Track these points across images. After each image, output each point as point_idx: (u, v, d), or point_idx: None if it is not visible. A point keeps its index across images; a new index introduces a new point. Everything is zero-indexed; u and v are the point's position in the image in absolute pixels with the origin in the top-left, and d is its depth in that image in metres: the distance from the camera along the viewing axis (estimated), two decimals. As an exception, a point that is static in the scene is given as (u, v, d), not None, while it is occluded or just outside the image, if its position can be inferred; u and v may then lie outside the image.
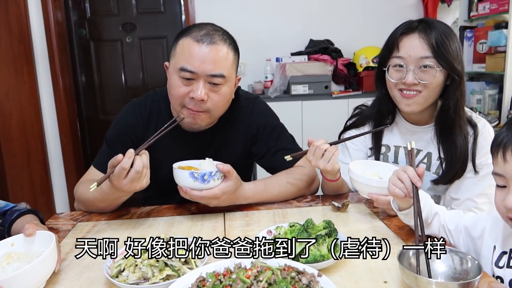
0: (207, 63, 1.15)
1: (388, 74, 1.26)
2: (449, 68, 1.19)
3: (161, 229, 1.13)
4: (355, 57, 3.31)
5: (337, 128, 1.50)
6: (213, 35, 1.17)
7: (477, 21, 3.15)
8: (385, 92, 1.31)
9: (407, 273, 0.76)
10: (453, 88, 1.22)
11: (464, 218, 0.99)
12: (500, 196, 0.80)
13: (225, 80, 1.19)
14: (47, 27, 3.08)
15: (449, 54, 1.18)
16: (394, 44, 1.24)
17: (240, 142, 1.37)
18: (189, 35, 1.18)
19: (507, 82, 2.76)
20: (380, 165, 1.27)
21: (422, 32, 1.20)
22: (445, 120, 1.25)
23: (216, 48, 1.16)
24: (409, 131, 1.35)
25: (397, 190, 0.96)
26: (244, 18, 3.30)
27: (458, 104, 1.23)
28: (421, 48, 1.19)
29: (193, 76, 1.17)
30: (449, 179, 1.26)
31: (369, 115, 1.40)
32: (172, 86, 1.21)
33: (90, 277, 0.88)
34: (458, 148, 1.23)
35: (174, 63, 1.20)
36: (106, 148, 1.35)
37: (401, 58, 1.22)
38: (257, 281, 0.67)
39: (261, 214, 1.20)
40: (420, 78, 1.20)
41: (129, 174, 1.03)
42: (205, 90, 1.17)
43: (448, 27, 1.23)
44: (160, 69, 3.57)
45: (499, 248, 0.87)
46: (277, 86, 3.09)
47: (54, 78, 3.15)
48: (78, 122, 3.50)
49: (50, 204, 3.21)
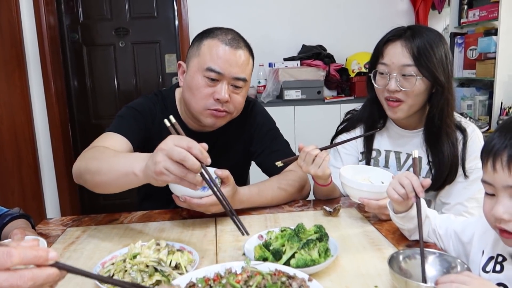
0: (233, 66, 1.20)
1: (375, 80, 1.29)
2: (430, 77, 1.20)
3: (151, 235, 1.12)
4: (348, 63, 3.33)
5: (329, 133, 1.51)
6: (239, 41, 1.24)
7: (467, 28, 3.19)
8: (375, 95, 1.33)
9: (397, 277, 0.77)
10: (437, 97, 1.23)
11: (454, 222, 0.99)
12: (488, 204, 0.79)
13: (246, 84, 1.25)
14: (39, 31, 3.06)
15: (431, 63, 1.19)
16: (379, 51, 1.26)
17: (240, 143, 1.41)
18: (215, 37, 1.22)
19: (496, 88, 2.79)
20: (371, 170, 1.28)
21: (406, 40, 1.21)
22: (431, 127, 1.27)
23: (241, 53, 1.22)
24: (399, 136, 1.36)
25: (396, 196, 0.94)
26: (237, 23, 3.27)
27: (443, 112, 1.24)
28: (402, 56, 1.20)
29: (218, 77, 1.20)
30: (439, 186, 1.27)
31: (360, 118, 1.41)
32: (195, 86, 1.22)
33: (79, 283, 0.87)
34: (445, 155, 1.24)
35: (198, 63, 1.22)
36: (128, 118, 1.28)
37: (385, 65, 1.24)
38: (247, 286, 0.67)
39: (252, 219, 1.20)
40: (402, 85, 1.21)
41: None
42: (228, 92, 1.22)
43: (437, 35, 1.23)
44: (153, 74, 3.59)
45: (487, 253, 0.87)
46: (270, 91, 3.10)
47: (46, 82, 3.13)
48: (70, 126, 3.48)
49: (41, 209, 3.18)
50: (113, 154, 1.05)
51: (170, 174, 0.83)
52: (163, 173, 0.83)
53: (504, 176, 0.73)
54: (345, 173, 1.19)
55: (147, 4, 3.48)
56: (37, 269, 0.55)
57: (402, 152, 1.36)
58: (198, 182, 0.85)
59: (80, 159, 1.12)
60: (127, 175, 0.94)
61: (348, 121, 1.46)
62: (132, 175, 0.92)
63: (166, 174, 0.83)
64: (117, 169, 0.97)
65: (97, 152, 1.09)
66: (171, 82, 3.57)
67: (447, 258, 0.83)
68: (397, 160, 1.36)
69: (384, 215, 1.14)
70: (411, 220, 0.97)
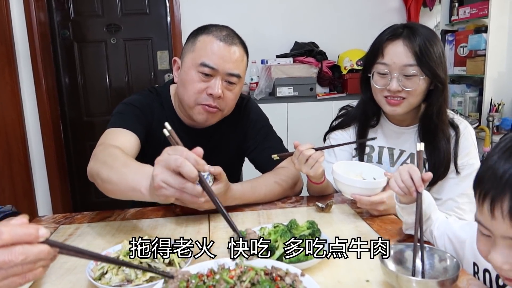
0: (227, 61, 1.21)
1: (373, 80, 1.27)
2: (432, 75, 1.20)
3: (144, 231, 1.12)
4: (340, 60, 3.35)
5: (321, 130, 1.51)
6: (234, 37, 1.25)
7: (458, 25, 3.22)
8: (370, 95, 1.33)
9: (388, 271, 0.78)
10: (436, 94, 1.24)
11: (450, 227, 0.97)
12: (483, 243, 0.69)
13: (239, 80, 1.26)
14: (29, 28, 3.03)
15: (432, 61, 1.19)
16: (379, 50, 1.24)
17: (234, 139, 1.41)
18: (210, 33, 1.23)
19: (486, 85, 2.83)
20: (363, 166, 1.29)
21: (407, 39, 1.20)
22: (428, 124, 1.27)
23: (236, 50, 1.23)
24: (393, 132, 1.37)
25: (397, 188, 0.94)
26: (229, 20, 3.27)
27: (441, 109, 1.25)
28: (405, 55, 1.20)
29: (212, 73, 1.21)
30: (433, 182, 1.28)
31: (354, 116, 1.42)
32: (188, 81, 1.23)
33: (72, 280, 0.87)
34: (441, 152, 1.25)
35: (193, 58, 1.23)
36: (129, 114, 1.27)
37: (386, 65, 1.23)
38: (241, 281, 0.67)
39: (245, 215, 1.21)
40: (404, 85, 1.21)
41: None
42: (222, 87, 1.22)
43: (432, 32, 1.24)
44: (145, 71, 3.57)
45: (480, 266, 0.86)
46: (262, 88, 3.11)
47: (37, 80, 3.10)
48: (61, 124, 3.45)
49: (32, 207, 3.16)
50: (123, 163, 1.01)
51: (168, 188, 0.80)
52: (161, 187, 0.80)
53: (504, 226, 0.62)
54: (338, 169, 1.19)
55: (138, 1, 3.46)
56: (28, 245, 0.54)
57: (395, 148, 1.37)
58: (199, 193, 0.82)
59: (94, 159, 1.10)
60: (135, 191, 0.92)
61: (343, 118, 1.46)
62: (139, 192, 0.91)
63: (164, 187, 0.80)
64: (125, 183, 0.95)
65: (110, 157, 1.05)
66: (164, 79, 3.56)
67: (438, 252, 0.85)
68: (390, 156, 1.37)
69: (376, 211, 1.15)
70: (410, 215, 0.96)
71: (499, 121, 2.85)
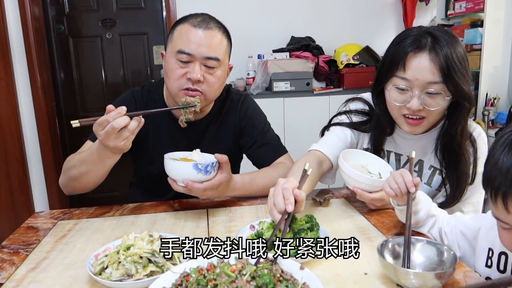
0: (203, 46, 1.21)
1: (390, 95, 1.15)
2: (458, 94, 1.09)
3: (144, 226, 1.12)
4: (336, 54, 3.35)
5: (318, 124, 1.51)
6: (209, 22, 1.25)
7: (454, 20, 3.22)
8: (384, 107, 1.22)
9: (386, 264, 0.79)
10: (462, 113, 1.13)
11: (460, 221, 0.99)
12: (506, 237, 0.72)
13: (219, 63, 1.25)
14: (24, 23, 3.00)
15: (459, 77, 1.06)
16: (399, 62, 1.10)
17: (230, 135, 1.42)
18: (186, 21, 1.25)
19: (482, 79, 2.84)
20: (371, 158, 1.23)
21: (433, 52, 1.06)
22: (451, 146, 1.17)
23: (211, 33, 1.23)
24: (402, 139, 1.30)
25: (390, 190, 0.95)
26: (225, 14, 3.24)
27: (464, 128, 1.16)
28: (430, 72, 1.07)
29: (190, 59, 1.22)
30: (450, 203, 1.21)
31: (368, 129, 1.32)
32: (169, 69, 1.25)
33: (73, 275, 0.87)
34: (465, 174, 1.17)
35: (171, 47, 1.25)
36: None
37: (407, 80, 1.09)
38: (241, 274, 0.68)
39: (244, 210, 1.22)
40: (426, 104, 1.10)
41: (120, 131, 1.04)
42: (201, 72, 1.23)
43: (454, 38, 1.10)
44: (141, 65, 3.55)
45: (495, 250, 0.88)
46: (259, 83, 3.10)
47: (32, 75, 3.07)
48: (57, 119, 3.44)
49: (29, 202, 3.15)
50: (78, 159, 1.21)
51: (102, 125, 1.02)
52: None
53: None
54: (345, 159, 1.13)
55: (134, -5, 3.44)
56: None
57: (403, 154, 1.31)
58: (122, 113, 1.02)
59: (62, 174, 1.27)
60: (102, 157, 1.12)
61: (361, 125, 1.32)
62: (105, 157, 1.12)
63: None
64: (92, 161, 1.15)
65: (70, 163, 1.25)
66: (160, 74, 3.54)
67: (435, 245, 0.86)
68: (397, 162, 1.33)
69: (374, 206, 1.16)
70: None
71: (495, 115, 2.87)
